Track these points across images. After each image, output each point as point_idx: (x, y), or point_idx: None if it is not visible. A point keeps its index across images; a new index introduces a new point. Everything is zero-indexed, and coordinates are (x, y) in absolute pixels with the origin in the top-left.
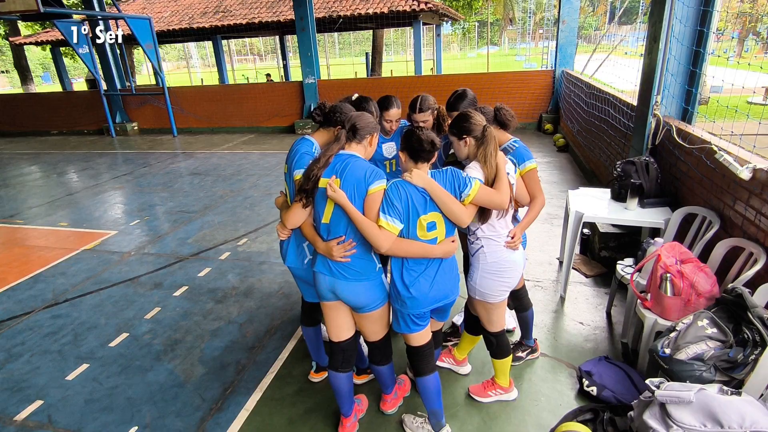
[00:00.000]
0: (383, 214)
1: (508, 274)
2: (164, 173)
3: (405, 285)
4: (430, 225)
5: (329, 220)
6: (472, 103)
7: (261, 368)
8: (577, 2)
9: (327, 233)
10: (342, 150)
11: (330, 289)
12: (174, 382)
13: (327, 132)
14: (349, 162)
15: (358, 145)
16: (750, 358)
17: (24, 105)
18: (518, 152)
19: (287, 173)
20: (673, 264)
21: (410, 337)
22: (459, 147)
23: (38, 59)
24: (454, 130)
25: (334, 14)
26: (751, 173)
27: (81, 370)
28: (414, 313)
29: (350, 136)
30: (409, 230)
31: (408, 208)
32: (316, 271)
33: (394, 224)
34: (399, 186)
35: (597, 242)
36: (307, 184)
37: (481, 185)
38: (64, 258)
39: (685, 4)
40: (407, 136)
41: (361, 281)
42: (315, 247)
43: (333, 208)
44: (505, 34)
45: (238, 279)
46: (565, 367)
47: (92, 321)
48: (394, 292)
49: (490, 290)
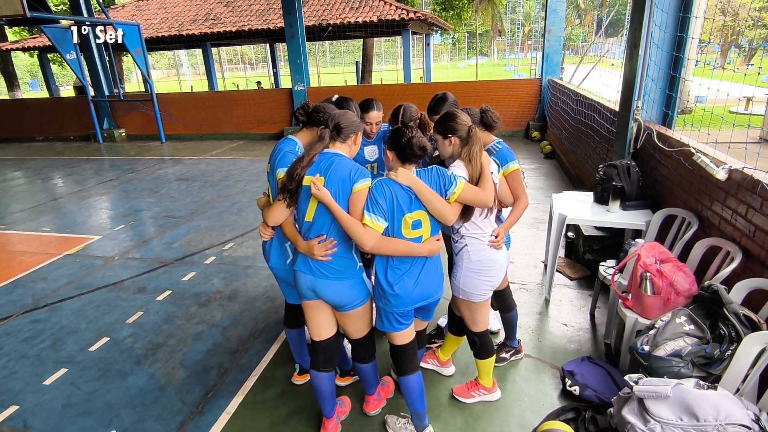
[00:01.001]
0: (368, 212)
1: (491, 273)
2: (151, 179)
3: (389, 283)
4: (415, 223)
5: (312, 219)
6: (452, 106)
7: (243, 371)
8: (563, 13)
9: (309, 232)
10: (326, 149)
11: (311, 288)
12: (155, 386)
13: (310, 132)
14: (334, 160)
15: (343, 144)
16: (726, 354)
17: (9, 111)
18: (502, 153)
19: (270, 172)
20: (652, 263)
21: (394, 336)
22: (443, 146)
23: (26, 66)
24: (439, 129)
25: (324, 22)
26: (726, 174)
27: (59, 375)
28: (398, 311)
29: (334, 135)
30: (394, 228)
31: (393, 206)
32: (296, 269)
33: (378, 222)
34: (384, 184)
35: (581, 245)
36: (290, 183)
37: (466, 183)
38: (46, 263)
39: (663, 10)
40: (396, 136)
41: (342, 280)
42: (296, 245)
43: (316, 206)
44: (495, 44)
45: (223, 283)
46: (549, 367)
47: (72, 325)
48: (379, 290)
49: (474, 289)
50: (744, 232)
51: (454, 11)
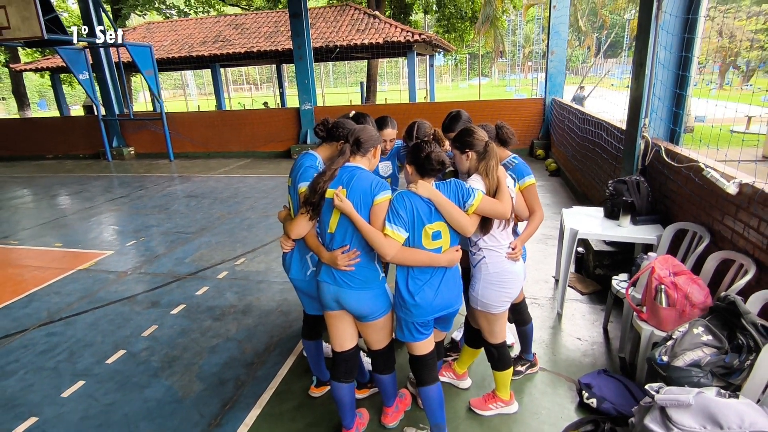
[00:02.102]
0: (389, 223)
1: (510, 284)
2: (161, 196)
3: (410, 293)
4: (435, 234)
5: (334, 230)
6: (466, 123)
7: (260, 384)
8: (565, 34)
9: (332, 243)
10: (347, 163)
11: (334, 299)
12: (172, 398)
13: (330, 147)
14: (355, 173)
15: (363, 157)
16: (746, 364)
17: (20, 129)
18: (518, 168)
19: (291, 186)
20: (666, 276)
21: (414, 346)
22: (461, 160)
23: (35, 86)
24: (457, 144)
25: (331, 44)
26: (737, 188)
27: (76, 387)
28: (418, 321)
29: (354, 149)
30: (414, 239)
31: (413, 217)
32: (320, 280)
33: (399, 233)
34: (404, 196)
35: (591, 260)
36: (313, 197)
37: (484, 195)
38: (59, 277)
39: (668, 32)
40: (416, 151)
41: (365, 290)
42: (320, 256)
43: (339, 218)
44: (496, 65)
45: (237, 297)
46: (565, 381)
47: (88, 339)
48: (399, 300)
49: (493, 300)
50: (757, 244)
51: (457, 33)
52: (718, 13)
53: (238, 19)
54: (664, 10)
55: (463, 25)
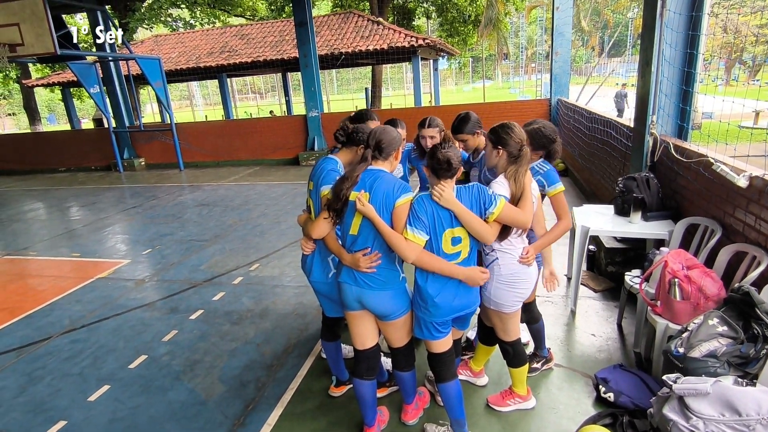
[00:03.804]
0: (410, 227)
1: (521, 285)
2: (173, 205)
3: (430, 294)
4: (455, 239)
5: (357, 232)
6: (476, 124)
7: (281, 385)
8: (569, 35)
9: (353, 245)
10: (369, 166)
11: (356, 299)
12: (195, 400)
13: (350, 151)
14: (377, 176)
15: (385, 161)
16: (762, 353)
17: (33, 144)
18: (549, 174)
19: (312, 190)
20: (680, 269)
21: (432, 344)
22: (490, 155)
23: (43, 101)
24: (492, 137)
25: (336, 51)
26: (747, 181)
27: (102, 391)
28: (437, 321)
29: (376, 154)
30: (435, 243)
31: (434, 221)
32: (341, 281)
33: (419, 236)
34: (424, 201)
35: (603, 258)
36: (336, 203)
37: (506, 203)
38: (79, 286)
39: (673, 29)
40: (431, 153)
41: (386, 290)
42: (341, 258)
43: (361, 220)
44: (499, 68)
45: (253, 302)
46: (581, 376)
47: (111, 344)
48: (419, 301)
49: (504, 300)
50: None
51: (460, 36)
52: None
53: (243, 30)
54: (669, 8)
55: (465, 28)
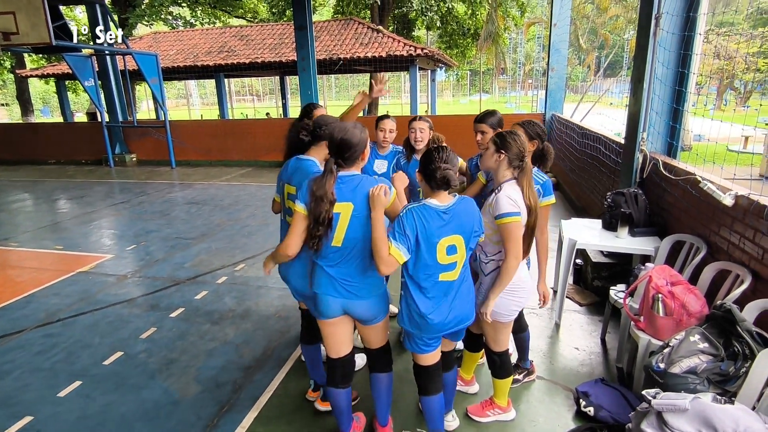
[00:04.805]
0: (394, 241)
1: (521, 293)
2: (162, 202)
3: (423, 312)
4: (450, 248)
5: (341, 244)
6: (500, 122)
7: (257, 387)
8: (566, 51)
9: (335, 257)
10: (341, 172)
11: (342, 309)
12: (169, 399)
13: (319, 147)
14: (356, 184)
15: (351, 167)
16: (741, 371)
17: (23, 134)
18: (546, 185)
19: (292, 193)
20: (664, 285)
21: (421, 357)
22: (490, 157)
23: (38, 93)
24: (496, 140)
25: (334, 57)
26: (733, 200)
27: (73, 387)
28: (429, 336)
29: (341, 163)
30: (428, 257)
31: (425, 233)
32: (321, 293)
33: (402, 253)
34: (414, 214)
35: (589, 272)
36: (318, 229)
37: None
38: (59, 279)
39: (666, 48)
40: (427, 159)
41: (373, 296)
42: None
43: (345, 231)
44: (496, 82)
45: (235, 302)
46: (562, 389)
47: (86, 340)
48: (417, 318)
49: (503, 309)
50: (753, 255)
51: (459, 49)
52: (716, 35)
53: (243, 31)
54: (662, 28)
55: (465, 41)
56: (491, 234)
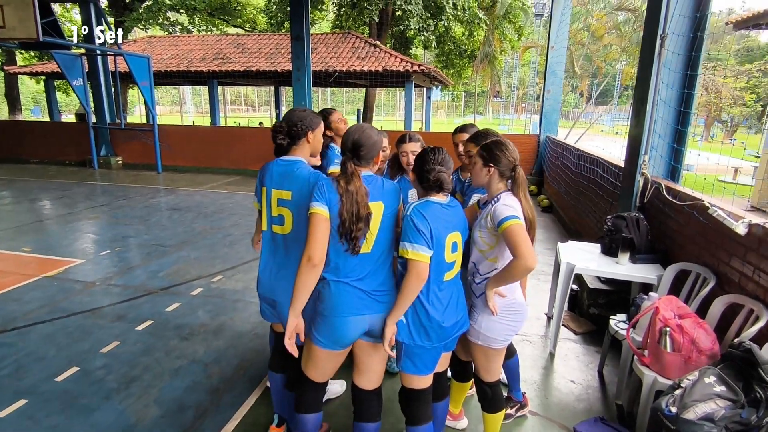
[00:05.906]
0: (409, 243)
1: (516, 317)
2: (143, 207)
3: (437, 320)
4: (453, 245)
5: (371, 249)
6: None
7: (224, 413)
8: (561, 74)
9: (369, 266)
10: (362, 172)
11: (367, 328)
12: (123, 424)
13: (300, 146)
14: (380, 183)
15: (367, 167)
16: (765, 420)
17: (7, 131)
18: None
19: (290, 200)
20: (672, 318)
21: (417, 380)
22: (479, 173)
23: (30, 93)
24: (483, 153)
25: (330, 68)
26: (746, 228)
27: (17, 407)
28: (430, 346)
29: (357, 162)
30: (437, 254)
31: (437, 227)
32: (350, 317)
33: (423, 252)
34: (420, 210)
35: (585, 299)
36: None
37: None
38: (21, 284)
39: (671, 69)
40: (421, 159)
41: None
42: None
43: (377, 234)
44: (490, 104)
45: (209, 316)
46: (557, 427)
47: (40, 352)
48: (425, 326)
49: (497, 334)
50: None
51: (455, 69)
52: (704, 69)
53: (239, 39)
54: (667, 48)
55: (461, 61)
56: (486, 250)
